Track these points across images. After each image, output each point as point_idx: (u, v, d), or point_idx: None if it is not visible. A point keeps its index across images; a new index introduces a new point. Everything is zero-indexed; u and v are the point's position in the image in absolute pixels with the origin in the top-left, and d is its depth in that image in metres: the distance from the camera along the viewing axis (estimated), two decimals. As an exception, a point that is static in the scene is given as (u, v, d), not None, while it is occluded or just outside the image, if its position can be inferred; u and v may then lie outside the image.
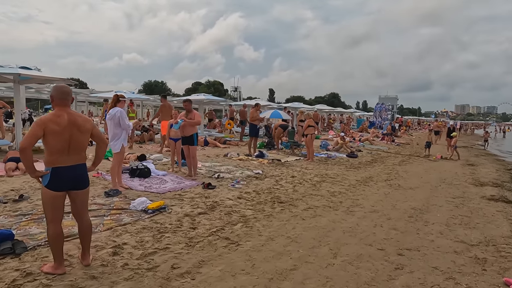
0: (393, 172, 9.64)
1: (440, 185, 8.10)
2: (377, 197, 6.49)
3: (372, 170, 9.81)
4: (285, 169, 8.79)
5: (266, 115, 13.94)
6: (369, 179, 8.25)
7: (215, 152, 11.09)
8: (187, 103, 6.93)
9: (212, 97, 14.37)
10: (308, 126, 10.45)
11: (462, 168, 11.43)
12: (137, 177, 6.47)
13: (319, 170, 8.97)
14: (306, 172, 8.51)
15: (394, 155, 14.30)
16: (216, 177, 6.99)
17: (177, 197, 5.44)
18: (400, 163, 11.68)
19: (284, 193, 6.21)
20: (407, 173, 9.68)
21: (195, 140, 6.84)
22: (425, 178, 8.91)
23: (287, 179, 7.52)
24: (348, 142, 14.44)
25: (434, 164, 12.00)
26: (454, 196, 6.89)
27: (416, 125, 50.58)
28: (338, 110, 33.22)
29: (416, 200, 6.41)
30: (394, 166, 10.85)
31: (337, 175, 8.43)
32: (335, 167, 9.83)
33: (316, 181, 7.49)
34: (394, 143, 19.37)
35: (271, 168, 8.72)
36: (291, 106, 21.85)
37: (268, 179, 7.34)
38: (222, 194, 5.84)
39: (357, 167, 10.17)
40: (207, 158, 9.73)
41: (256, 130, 10.90)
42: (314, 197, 6.12)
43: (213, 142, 12.81)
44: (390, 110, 38.85)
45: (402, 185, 7.80)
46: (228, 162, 9.22)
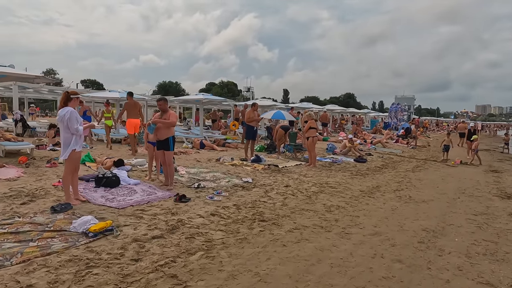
0: (404, 180, 8.54)
1: (459, 197, 6.98)
2: (382, 213, 5.46)
3: (381, 177, 8.73)
4: (281, 176, 7.83)
5: (268, 115, 12.98)
6: (375, 189, 7.20)
7: (209, 155, 10.23)
8: (161, 102, 6.06)
9: (212, 97, 13.53)
10: (310, 128, 9.45)
11: (484, 175, 10.19)
12: (103, 186, 5.66)
13: (319, 178, 7.96)
14: (303, 181, 7.53)
15: (408, 159, 13.10)
16: (195, 187, 6.11)
17: (137, 213, 4.57)
18: (414, 169, 10.52)
19: (270, 208, 5.26)
20: (421, 181, 8.55)
21: (171, 144, 5.97)
22: (442, 188, 7.79)
23: (279, 189, 6.56)
24: (358, 145, 13.33)
25: (453, 171, 10.78)
26: (476, 213, 5.79)
27: (434, 126, 48.49)
28: (351, 110, 31.86)
29: (429, 217, 5.35)
30: (407, 173, 9.71)
31: (339, 184, 7.41)
32: (338, 173, 8.79)
33: (313, 192, 6.50)
34: (409, 146, 18.08)
35: (264, 175, 7.78)
36: (300, 107, 20.80)
37: (257, 189, 6.40)
38: (194, 209, 4.94)
39: (364, 173, 9.10)
40: (196, 163, 8.86)
41: (253, 132, 9.97)
42: (305, 214, 5.15)
43: (209, 145, 11.96)
44: (406, 110, 37.26)
45: (413, 197, 6.72)
46: (218, 168, 8.33)
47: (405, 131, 23.53)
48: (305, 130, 9.58)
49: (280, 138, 11.29)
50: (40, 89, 15.71)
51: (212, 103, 18.50)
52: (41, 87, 14.16)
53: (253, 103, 10.20)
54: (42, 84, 13.64)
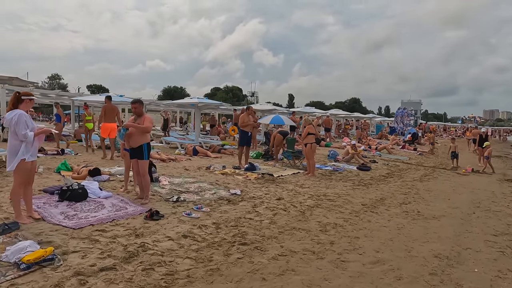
0: (412, 191, 7.75)
1: (474, 212, 6.18)
2: (386, 233, 4.70)
3: (386, 188, 7.95)
4: (274, 187, 7.10)
5: (266, 120, 12.27)
6: (379, 203, 6.43)
7: (200, 163, 9.54)
8: (136, 104, 5.39)
9: (208, 101, 12.88)
10: (308, 134, 8.72)
11: (499, 185, 9.34)
12: (68, 200, 4.98)
13: (317, 189, 7.22)
14: (299, 192, 6.79)
15: (415, 167, 12.28)
16: (174, 201, 5.40)
17: (94, 235, 3.88)
18: (422, 178, 9.72)
19: (255, 228, 4.54)
20: (430, 192, 7.76)
21: (145, 152, 5.29)
22: (454, 201, 6.99)
23: (270, 203, 5.83)
24: (361, 152, 12.55)
25: (464, 180, 9.95)
26: (495, 232, 5.00)
27: (441, 131, 47.30)
28: (355, 115, 31.03)
29: (441, 239, 4.58)
30: (414, 183, 8.92)
31: (338, 196, 6.66)
32: (339, 184, 8.04)
33: (308, 206, 5.76)
34: (416, 152, 17.23)
35: (256, 186, 7.05)
36: (302, 111, 20.07)
37: (244, 203, 5.67)
38: (165, 229, 4.23)
39: (367, 183, 8.33)
40: (184, 171, 8.17)
41: (247, 138, 9.27)
42: (295, 234, 4.41)
43: (203, 151, 11.28)
44: (412, 115, 36.29)
45: (422, 212, 5.94)
46: (207, 177, 7.62)
47: (411, 136, 22.68)
48: (303, 136, 8.86)
49: (278, 144, 10.58)
50: (47, 94, 15.27)
51: (209, 108, 17.88)
52: (31, 90, 13.62)
53: (247, 106, 9.52)
54: (32, 88, 13.13)
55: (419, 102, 61.97)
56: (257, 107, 18.23)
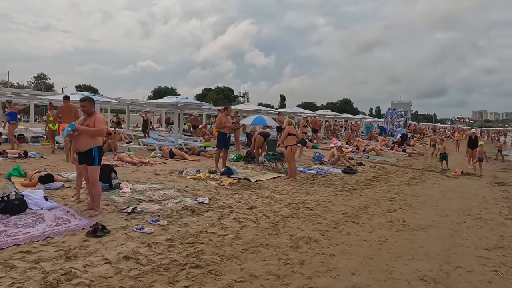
0: (398, 196, 7.23)
1: (464, 221, 5.66)
2: (366, 249, 4.13)
3: (371, 193, 7.41)
4: (249, 194, 6.50)
5: (248, 121, 11.67)
6: (362, 211, 5.88)
7: (175, 167, 8.88)
8: (84, 103, 4.72)
9: (188, 100, 12.23)
10: (288, 135, 8.15)
11: (490, 189, 8.89)
12: (2, 213, 4.31)
13: (296, 195, 6.64)
14: (275, 199, 6.20)
15: (403, 169, 11.81)
16: (128, 212, 4.76)
17: (15, 258, 3.22)
18: (410, 182, 9.22)
19: (215, 245, 3.92)
20: (418, 198, 7.24)
21: (95, 157, 4.64)
22: (443, 208, 6.47)
23: (240, 212, 5.23)
24: (347, 154, 12.03)
25: (454, 183, 9.49)
26: (488, 246, 4.47)
27: (431, 132, 47.27)
28: (345, 115, 30.58)
29: (428, 255, 4.03)
30: (401, 187, 8.40)
31: (318, 204, 6.08)
32: (321, 189, 7.47)
33: (282, 217, 5.17)
34: (405, 154, 16.81)
35: (229, 193, 6.44)
36: (289, 112, 19.49)
37: (210, 214, 5.06)
38: (107, 248, 3.59)
39: (351, 188, 7.78)
40: (153, 176, 7.51)
41: (225, 140, 8.67)
42: (261, 252, 3.81)
43: (180, 154, 10.62)
44: (402, 116, 36.07)
45: (408, 221, 5.40)
46: (176, 183, 6.98)
47: (401, 137, 22.33)
48: (283, 137, 8.28)
49: (259, 146, 9.98)
50: (21, 93, 14.45)
51: (193, 108, 17.17)
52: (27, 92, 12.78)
53: (225, 106, 8.90)
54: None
55: (409, 103, 62.13)
56: (242, 107, 17.64)
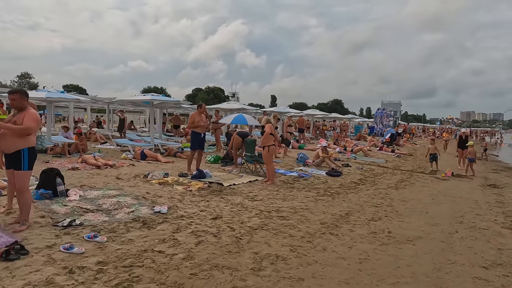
0: (385, 202, 6.60)
1: (456, 230, 5.04)
2: (343, 269, 3.45)
3: (355, 198, 6.77)
4: (217, 201, 5.78)
5: (227, 120, 10.94)
6: (343, 219, 5.22)
7: (143, 169, 8.11)
8: (15, 95, 3.92)
9: (164, 98, 11.44)
10: (262, 132, 7.48)
11: (482, 192, 8.34)
12: None
13: (271, 202, 5.95)
14: (246, 207, 5.50)
15: (391, 170, 11.23)
16: (64, 226, 4.01)
17: None
18: (398, 185, 8.61)
19: (157, 269, 3.20)
20: (406, 203, 6.63)
21: (24, 160, 3.86)
22: (433, 214, 5.86)
23: (202, 224, 4.51)
24: (332, 155, 11.39)
25: (444, 186, 8.92)
26: (486, 263, 3.84)
27: (420, 132, 47.18)
28: (333, 115, 30.04)
29: (416, 277, 3.37)
30: (389, 191, 7.79)
31: (295, 212, 5.41)
32: (301, 193, 6.80)
33: (250, 228, 4.48)
34: (394, 154, 16.29)
35: (195, 200, 5.71)
36: (275, 111, 18.87)
37: (165, 226, 4.33)
38: (13, 277, 2.84)
39: (334, 192, 7.13)
40: (113, 181, 6.74)
41: (199, 140, 7.94)
42: (213, 278, 3.10)
43: (152, 155, 9.85)
44: (392, 115, 35.77)
45: (394, 232, 4.75)
46: (137, 188, 6.23)
47: (390, 137, 21.86)
48: (264, 137, 7.59)
49: (237, 147, 9.27)
50: None
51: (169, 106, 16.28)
52: None
53: (199, 104, 8.16)
54: None
55: (398, 103, 62.12)
56: (225, 106, 16.91)
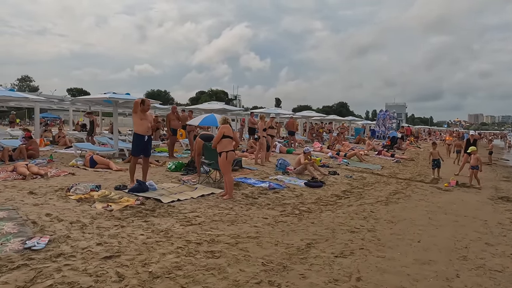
0: (367, 223, 5.12)
1: (458, 273, 3.55)
2: None
3: (330, 218, 5.30)
4: (139, 224, 4.36)
5: (195, 121, 9.51)
6: (299, 254, 3.76)
7: (77, 180, 6.72)
8: None
9: (126, 96, 10.01)
10: (223, 138, 6.06)
11: (493, 208, 6.81)
12: None
13: (214, 226, 4.51)
14: (172, 235, 4.06)
15: (386, 179, 9.72)
16: None
17: None
18: (389, 198, 7.12)
19: None
20: (394, 225, 5.15)
21: None
22: (426, 244, 4.38)
23: (81, 268, 3.09)
24: (316, 161, 9.89)
25: (446, 199, 7.41)
26: None
27: (426, 135, 45.25)
28: (331, 117, 28.42)
29: None
30: (376, 206, 6.31)
31: (236, 243, 3.96)
32: (260, 212, 5.35)
33: (149, 276, 3.04)
34: (393, 159, 14.74)
35: (106, 225, 4.29)
36: (265, 112, 17.41)
37: (16, 275, 2.91)
38: None
39: (305, 210, 5.68)
40: (18, 196, 5.34)
41: (142, 145, 6.51)
42: None
43: (103, 162, 8.47)
44: (395, 117, 34.13)
45: (366, 278, 3.29)
46: (40, 207, 4.80)
47: (390, 140, 20.30)
48: (215, 140, 6.17)
49: (200, 152, 7.83)
50: None
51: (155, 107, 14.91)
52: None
53: (141, 99, 6.71)
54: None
55: (403, 105, 60.25)
56: (205, 106, 15.52)
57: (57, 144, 14.14)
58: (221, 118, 6.33)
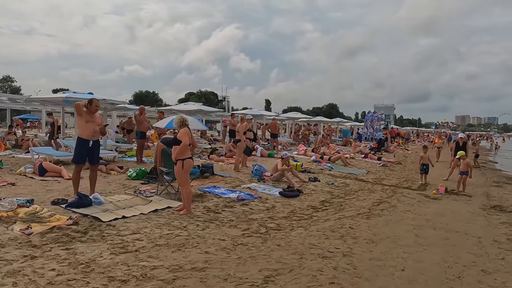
0: (343, 244, 4.34)
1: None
2: None
3: (299, 239, 4.50)
4: (52, 256, 3.48)
5: (161, 124, 8.58)
6: None
7: (15, 192, 5.80)
8: None
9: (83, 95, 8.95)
10: (175, 141, 5.22)
11: (486, 221, 6.10)
12: None
13: (154, 253, 3.66)
14: (94, 268, 3.20)
15: (371, 185, 8.99)
16: None
17: None
18: (372, 209, 6.37)
19: None
20: (375, 246, 4.37)
21: None
22: (412, 273, 3.61)
23: None
24: (294, 167, 9.09)
25: (434, 209, 6.69)
26: None
27: (415, 137, 44.98)
28: (318, 119, 27.76)
29: None
30: (357, 220, 5.54)
31: (175, 278, 3.13)
32: (218, 232, 4.52)
33: None
34: (380, 163, 14.07)
35: (12, 256, 3.41)
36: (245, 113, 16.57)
37: None
38: None
39: (273, 227, 4.87)
40: None
41: (85, 150, 5.57)
42: None
43: (54, 170, 7.54)
44: (383, 119, 33.61)
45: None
46: None
47: (377, 143, 19.70)
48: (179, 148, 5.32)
49: (160, 156, 6.95)
50: None
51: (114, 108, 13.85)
52: None
53: (89, 100, 5.81)
54: None
55: (392, 107, 60.14)
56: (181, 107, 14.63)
57: (21, 147, 13.10)
58: (177, 119, 5.44)
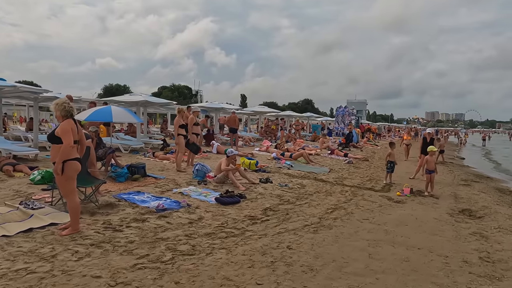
0: (270, 276, 3.18)
1: None
2: None
3: (213, 268, 3.31)
4: None
5: (82, 116, 7.13)
6: None
7: None
8: None
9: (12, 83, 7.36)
10: (51, 136, 3.90)
11: (454, 231, 5.15)
12: None
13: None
14: None
15: (330, 186, 7.97)
16: None
17: None
18: (323, 219, 5.29)
19: None
20: (312, 277, 3.25)
21: None
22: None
23: None
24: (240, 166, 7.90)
25: (397, 217, 5.71)
26: None
27: (386, 132, 45.07)
28: (287, 113, 26.77)
29: None
30: (300, 236, 4.43)
31: None
32: (103, 261, 3.25)
33: None
34: (345, 160, 13.17)
35: None
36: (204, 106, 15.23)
37: None
38: None
39: (184, 252, 3.65)
40: None
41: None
42: None
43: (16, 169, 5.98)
44: (354, 114, 33.16)
45: None
46: None
47: (345, 138, 18.92)
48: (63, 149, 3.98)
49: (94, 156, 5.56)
50: None
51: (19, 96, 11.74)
52: None
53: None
54: None
55: (364, 102, 60.35)
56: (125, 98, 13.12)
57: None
58: (56, 104, 3.99)
